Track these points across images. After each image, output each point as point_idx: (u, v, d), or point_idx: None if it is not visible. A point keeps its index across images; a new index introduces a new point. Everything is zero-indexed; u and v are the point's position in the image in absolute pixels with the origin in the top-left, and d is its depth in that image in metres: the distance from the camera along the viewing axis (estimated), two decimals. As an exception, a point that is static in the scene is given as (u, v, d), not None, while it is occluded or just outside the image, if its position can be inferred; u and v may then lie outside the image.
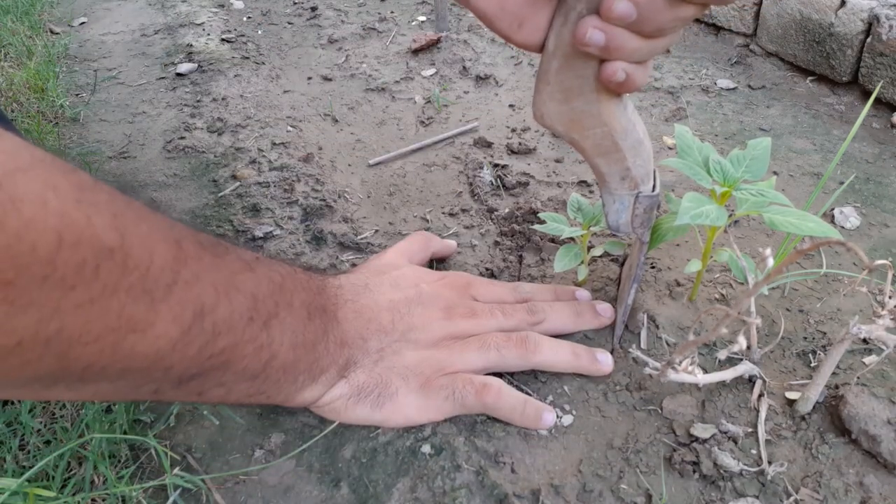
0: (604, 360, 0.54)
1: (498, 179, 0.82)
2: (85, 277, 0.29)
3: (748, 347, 0.54)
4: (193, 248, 0.37)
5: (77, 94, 1.12)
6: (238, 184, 0.83)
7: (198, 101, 1.07)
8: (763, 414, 0.50)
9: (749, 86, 1.05)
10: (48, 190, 0.28)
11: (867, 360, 0.55)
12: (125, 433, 0.49)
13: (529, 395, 0.53)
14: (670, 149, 0.87)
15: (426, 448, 0.48)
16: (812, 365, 0.54)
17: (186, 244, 0.37)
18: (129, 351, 0.33)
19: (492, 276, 0.66)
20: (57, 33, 1.43)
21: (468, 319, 0.54)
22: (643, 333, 0.57)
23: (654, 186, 0.51)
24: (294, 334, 0.44)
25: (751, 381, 0.53)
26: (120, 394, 0.36)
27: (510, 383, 0.53)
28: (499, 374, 0.53)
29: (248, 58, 1.22)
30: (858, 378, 0.52)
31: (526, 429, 0.50)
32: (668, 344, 0.57)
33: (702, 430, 0.48)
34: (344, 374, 0.49)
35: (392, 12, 1.42)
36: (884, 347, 0.54)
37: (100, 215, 0.30)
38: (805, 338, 0.57)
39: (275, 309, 0.42)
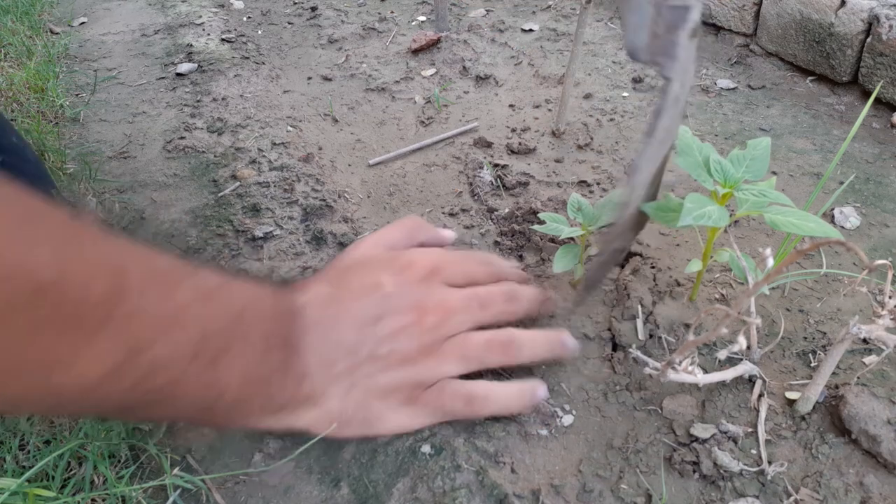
0: (570, 343, 0.52)
1: (498, 179, 0.82)
2: (14, 312, 0.29)
3: (748, 347, 0.54)
4: (140, 280, 0.35)
5: (77, 94, 1.12)
6: (238, 184, 0.83)
7: (198, 101, 1.07)
8: (763, 414, 0.50)
9: (749, 86, 1.05)
10: None
11: (867, 360, 0.55)
12: (124, 439, 0.49)
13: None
14: (670, 149, 0.87)
15: (426, 448, 0.48)
16: (812, 365, 0.54)
17: (133, 275, 0.35)
18: (57, 386, 0.32)
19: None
20: (57, 33, 1.43)
21: (442, 320, 0.49)
22: (638, 324, 0.57)
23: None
24: (247, 370, 0.41)
25: (751, 381, 0.53)
26: (56, 415, 0.36)
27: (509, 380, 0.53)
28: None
29: (248, 58, 1.22)
30: (858, 378, 0.52)
31: (522, 413, 0.50)
32: (668, 344, 0.57)
33: (702, 430, 0.48)
34: (311, 403, 0.46)
35: (392, 12, 1.42)
36: (884, 347, 0.54)
37: (39, 248, 0.30)
38: (805, 338, 0.57)
39: (226, 344, 0.40)
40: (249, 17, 1.46)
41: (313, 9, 1.46)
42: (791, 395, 0.51)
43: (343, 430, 0.47)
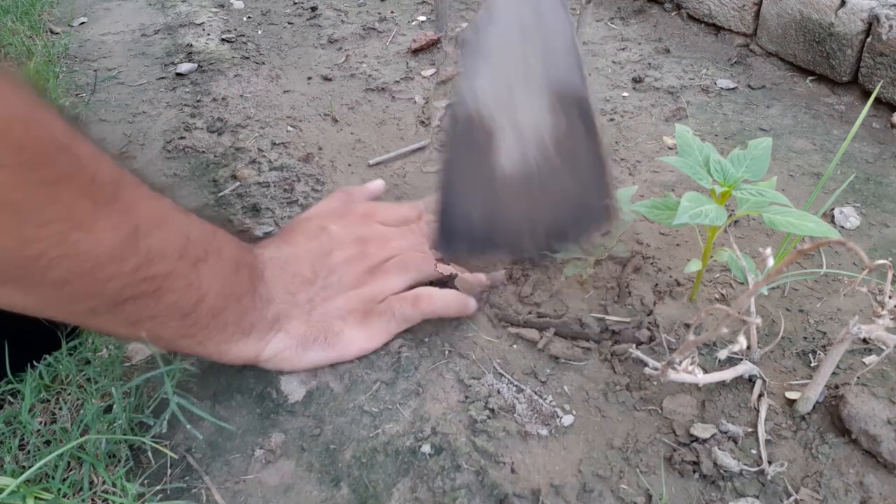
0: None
1: (498, 179, 0.81)
2: (45, 160, 0.35)
3: (748, 347, 0.54)
4: (133, 180, 0.42)
5: (77, 94, 1.12)
6: (238, 184, 0.83)
7: (198, 101, 1.07)
8: (763, 414, 0.50)
9: (749, 86, 1.05)
10: (13, 96, 0.34)
11: (867, 360, 0.55)
12: (124, 434, 0.49)
13: (530, 394, 0.53)
14: (670, 149, 0.87)
15: (426, 448, 0.48)
16: (812, 365, 0.54)
17: (127, 176, 0.41)
18: (74, 247, 0.37)
19: (492, 276, 0.66)
20: (57, 33, 1.43)
21: (381, 247, 0.57)
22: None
23: None
24: (223, 282, 0.47)
25: (751, 381, 0.53)
26: (60, 305, 0.40)
27: (510, 384, 0.53)
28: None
29: (248, 58, 1.22)
30: (858, 378, 0.52)
31: (458, 319, 0.57)
32: (668, 344, 0.57)
33: (702, 430, 0.49)
34: (277, 328, 0.51)
35: (392, 12, 1.42)
36: (884, 347, 0.54)
37: (55, 121, 0.36)
38: (805, 338, 0.57)
39: (204, 254, 0.45)
40: (249, 17, 1.46)
41: (313, 9, 1.46)
42: (791, 395, 0.51)
43: (305, 352, 0.52)
